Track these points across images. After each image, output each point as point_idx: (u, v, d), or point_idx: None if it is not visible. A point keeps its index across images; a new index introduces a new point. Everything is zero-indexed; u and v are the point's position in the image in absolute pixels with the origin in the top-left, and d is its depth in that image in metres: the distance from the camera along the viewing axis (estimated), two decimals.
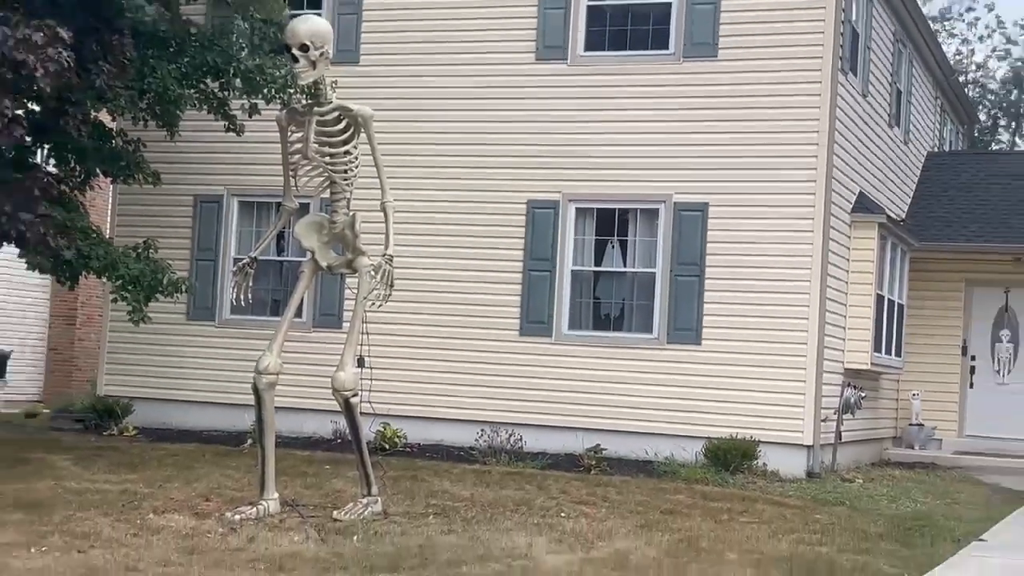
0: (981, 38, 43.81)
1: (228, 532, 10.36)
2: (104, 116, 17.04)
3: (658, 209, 17.65)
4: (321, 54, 11.24)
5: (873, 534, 12.27)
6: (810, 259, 16.98)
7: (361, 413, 11.84)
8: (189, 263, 19.17)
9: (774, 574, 9.90)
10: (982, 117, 40.39)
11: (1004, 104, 43.64)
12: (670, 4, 17.77)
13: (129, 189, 18.86)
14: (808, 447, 16.85)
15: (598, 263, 18.13)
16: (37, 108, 14.74)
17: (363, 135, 11.65)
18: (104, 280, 17.29)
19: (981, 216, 23.25)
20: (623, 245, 18.07)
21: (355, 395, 11.56)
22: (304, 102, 11.80)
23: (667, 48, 17.79)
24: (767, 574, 9.91)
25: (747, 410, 16.84)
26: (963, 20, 43.37)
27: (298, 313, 12.94)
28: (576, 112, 17.92)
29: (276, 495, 11.41)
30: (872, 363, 19.14)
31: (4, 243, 15.31)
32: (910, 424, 22.28)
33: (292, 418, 14.71)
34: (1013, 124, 43.65)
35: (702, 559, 10.33)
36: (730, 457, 16.15)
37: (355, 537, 10.35)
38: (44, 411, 21.64)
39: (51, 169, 16.94)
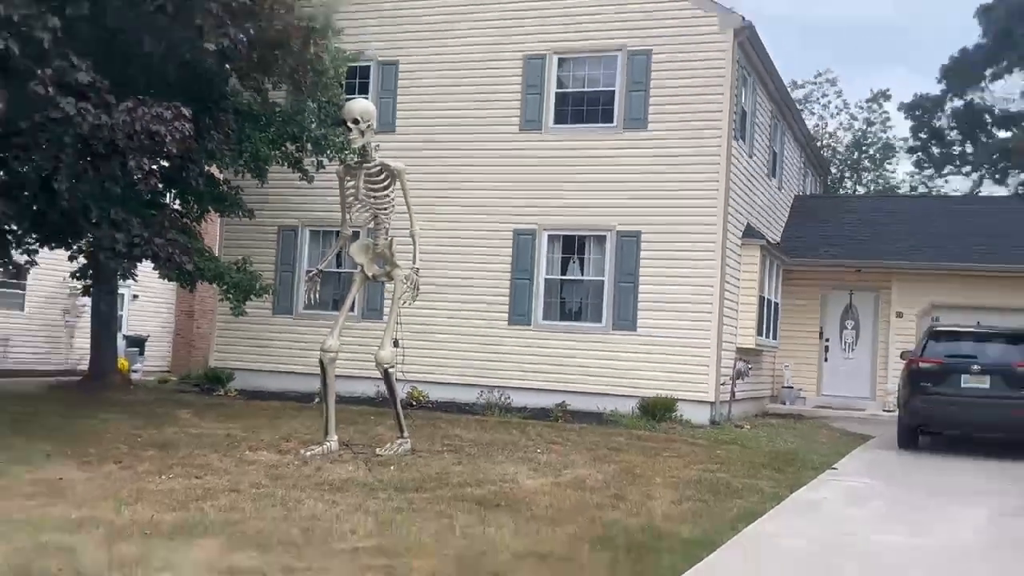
0: (832, 115, 44.11)
1: (302, 464, 10.35)
2: (214, 169, 17.03)
3: (606, 236, 17.66)
4: (368, 126, 11.26)
5: (757, 464, 12.31)
6: (714, 271, 17.03)
7: (396, 380, 11.85)
8: (274, 273, 19.16)
9: (686, 491, 9.93)
10: (833, 171, 40.45)
11: (848, 162, 43.81)
12: (613, 91, 17.79)
13: (231, 221, 18.89)
14: (711, 403, 16.91)
15: (563, 273, 18.11)
16: (167, 164, 14.72)
17: (398, 183, 11.66)
18: (214, 285, 17.30)
19: (832, 241, 23.42)
20: (581, 261, 18.07)
21: (392, 367, 11.57)
22: (356, 160, 11.77)
23: (612, 122, 17.80)
24: (683, 491, 9.93)
25: (669, 377, 16.88)
26: (819, 103, 43.64)
27: (351, 309, 12.87)
28: (548, 167, 17.92)
29: (336, 438, 11.39)
30: (756, 343, 19.20)
31: (144, 259, 15.30)
32: (783, 387, 22.48)
33: (347, 383, 14.69)
34: (854, 176, 43.79)
35: (637, 481, 10.37)
36: (657, 410, 16.20)
37: (392, 467, 10.37)
38: (171, 378, 21.62)
39: (176, 207, 16.93)
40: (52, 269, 20.99)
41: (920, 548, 8.26)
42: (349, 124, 11.28)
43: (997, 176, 40.21)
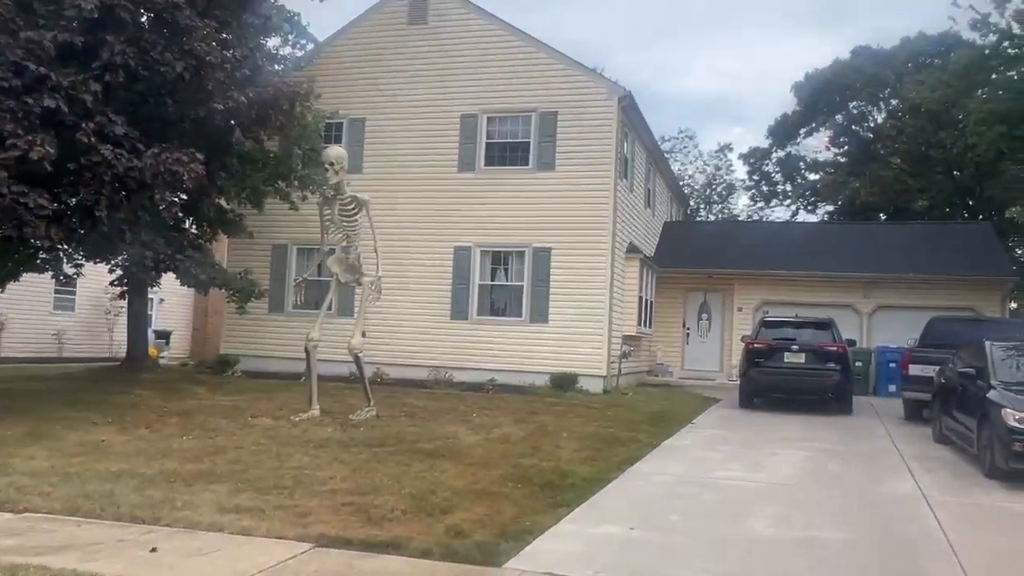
0: (691, 162, 44.79)
1: (292, 426, 10.21)
2: (222, 201, 16.70)
3: (525, 251, 17.65)
4: (341, 167, 11.23)
5: (637, 421, 12.44)
6: (605, 278, 17.14)
7: (364, 362, 11.77)
8: (269, 281, 18.78)
9: (585, 442, 10.02)
10: (691, 203, 41.08)
11: (703, 196, 44.56)
12: (529, 141, 17.83)
13: (236, 240, 18.52)
14: (604, 377, 16.99)
15: (493, 280, 18.06)
16: (185, 197, 14.40)
17: (365, 211, 11.60)
18: (223, 291, 16.95)
19: (691, 255, 23.52)
20: (506, 270, 18.03)
21: (361, 352, 11.54)
22: (332, 193, 11.67)
23: (528, 165, 17.82)
24: (583, 442, 10.02)
25: (572, 358, 16.93)
26: (682, 152, 44.35)
27: (329, 308, 12.75)
28: (481, 199, 17.88)
29: (318, 407, 11.28)
30: (637, 332, 19.33)
31: (167, 271, 14.99)
32: (657, 363, 22.63)
33: (326, 366, 14.44)
34: (707, 207, 44.57)
35: (548, 436, 10.42)
36: (564, 383, 16.23)
37: (361, 428, 10.30)
38: (190, 363, 21.10)
39: (193, 230, 16.56)
40: (96, 279, 20.40)
41: (755, 479, 8.47)
42: (326, 166, 11.24)
43: (808, 207, 41.49)
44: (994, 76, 19.78)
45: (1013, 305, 26.27)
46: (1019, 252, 28.84)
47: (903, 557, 5.84)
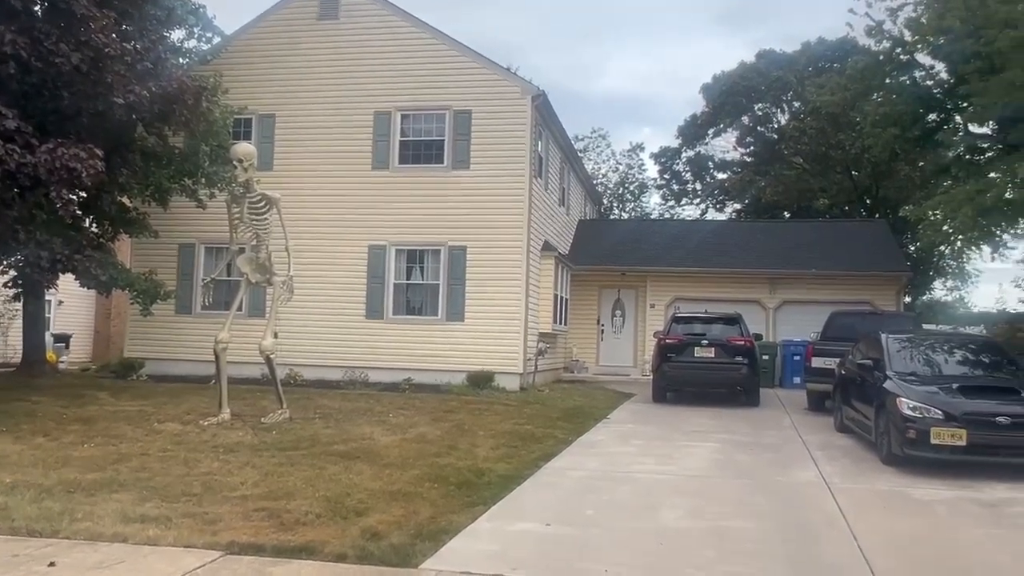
0: (604, 161, 45.30)
1: (201, 431, 9.92)
2: (125, 199, 16.08)
3: (440, 249, 17.58)
4: (250, 164, 11.01)
5: (553, 418, 12.57)
6: (520, 275, 17.22)
7: (276, 364, 11.55)
8: (176, 281, 18.16)
9: (502, 440, 10.08)
10: (605, 201, 41.65)
11: (616, 195, 45.19)
12: (444, 139, 17.77)
13: (140, 240, 17.80)
14: (520, 374, 17.08)
15: (408, 278, 17.93)
16: (84, 194, 13.82)
17: (275, 209, 11.39)
18: (126, 291, 16.31)
19: (605, 253, 23.80)
20: (422, 269, 17.92)
21: (272, 353, 11.34)
22: (241, 191, 11.39)
23: (443, 163, 17.76)
24: (500, 440, 10.07)
25: (489, 355, 16.96)
26: (595, 151, 44.78)
27: (239, 308, 12.44)
28: (395, 197, 17.72)
29: (228, 410, 11.00)
30: (553, 329, 19.52)
31: (65, 272, 14.33)
32: (572, 360, 22.85)
33: (237, 368, 14.07)
34: (620, 205, 45.26)
35: (465, 435, 10.44)
36: (480, 381, 16.25)
37: (274, 432, 10.10)
38: (92, 367, 20.22)
39: (93, 229, 15.90)
40: None
41: (667, 472, 8.68)
42: (235, 163, 10.99)
43: (717, 205, 42.71)
44: (888, 80, 20.72)
45: (907, 299, 27.63)
46: (912, 248, 30.33)
47: (808, 543, 6.09)
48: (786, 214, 37.57)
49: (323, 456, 8.51)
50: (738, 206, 41.46)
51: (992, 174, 17.08)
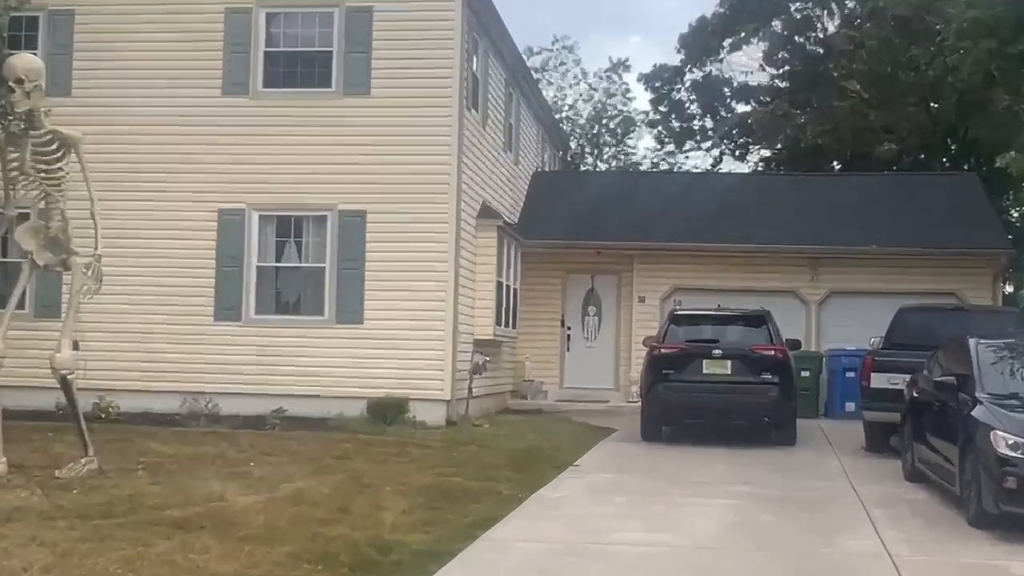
0: (571, 85, 45.46)
1: None
2: None
3: (327, 216, 17.50)
4: (35, 87, 10.80)
5: (496, 465, 12.57)
6: (447, 255, 17.22)
7: (78, 388, 11.36)
8: None
9: (419, 499, 10.05)
10: (572, 145, 41.87)
11: (589, 136, 45.44)
12: (331, 51, 17.64)
13: None
14: (447, 401, 17.09)
15: (279, 260, 17.81)
16: None
17: (74, 154, 11.18)
18: None
19: (573, 221, 23.83)
20: (299, 245, 17.82)
21: (71, 373, 11.18)
22: (21, 127, 11.12)
23: (330, 86, 17.64)
24: (414, 500, 10.05)
25: (400, 374, 16.93)
26: (557, 71, 44.84)
27: (21, 305, 12.17)
28: (257, 137, 17.54)
29: (4, 459, 10.76)
30: (495, 334, 19.56)
31: None
32: (524, 380, 22.85)
33: (20, 395, 13.78)
34: (595, 151, 45.46)
35: (364, 491, 10.41)
36: (388, 412, 16.19)
37: (75, 491, 9.94)
38: None
39: None
40: None
41: (660, 543, 8.74)
42: (12, 84, 10.76)
43: (737, 151, 42.93)
44: None
45: (1008, 288, 28.00)
46: (1015, 215, 30.55)
47: None
48: (836, 164, 38.17)
49: (149, 526, 8.40)
50: (767, 152, 42.01)
51: None
